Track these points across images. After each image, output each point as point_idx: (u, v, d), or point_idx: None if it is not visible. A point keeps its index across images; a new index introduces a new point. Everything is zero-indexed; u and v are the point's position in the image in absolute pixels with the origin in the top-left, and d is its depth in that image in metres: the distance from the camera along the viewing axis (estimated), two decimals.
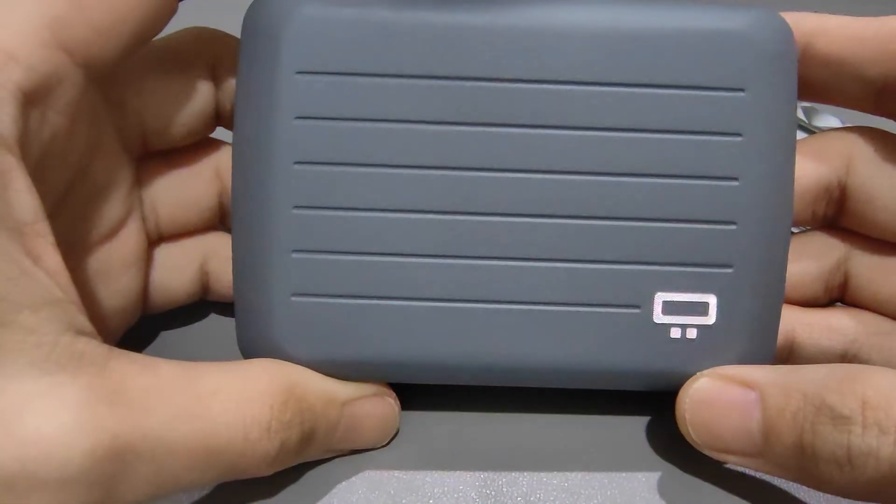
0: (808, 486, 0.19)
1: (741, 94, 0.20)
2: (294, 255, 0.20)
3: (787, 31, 0.20)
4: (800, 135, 0.31)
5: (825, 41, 0.21)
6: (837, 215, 0.23)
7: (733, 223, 0.20)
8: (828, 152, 0.22)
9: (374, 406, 0.21)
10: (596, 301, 0.20)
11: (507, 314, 0.20)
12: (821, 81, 0.21)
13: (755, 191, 0.20)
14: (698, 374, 0.20)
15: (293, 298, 0.20)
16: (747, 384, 0.19)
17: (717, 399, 0.20)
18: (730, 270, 0.20)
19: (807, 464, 0.18)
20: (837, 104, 0.22)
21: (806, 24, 0.21)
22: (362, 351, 0.20)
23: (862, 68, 0.21)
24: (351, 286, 0.20)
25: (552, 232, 0.20)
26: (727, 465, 0.21)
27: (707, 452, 0.20)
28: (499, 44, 0.20)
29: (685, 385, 0.20)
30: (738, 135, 0.20)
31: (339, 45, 0.20)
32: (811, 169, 0.22)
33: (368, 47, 0.20)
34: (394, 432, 0.22)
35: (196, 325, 0.25)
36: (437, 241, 0.20)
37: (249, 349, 0.21)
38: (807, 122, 0.32)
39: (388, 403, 0.22)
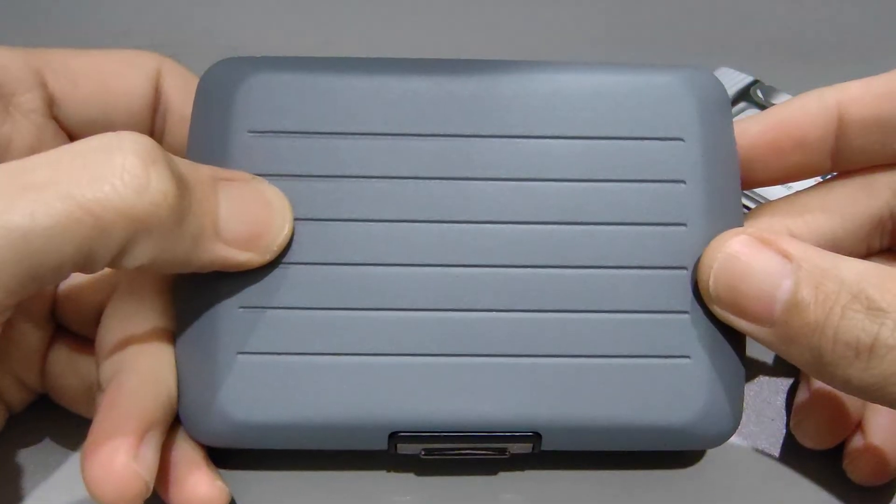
0: (805, 369, 0.19)
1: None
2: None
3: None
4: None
5: (857, 107, 0.21)
6: (894, 244, 0.22)
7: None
8: (876, 185, 0.22)
9: (254, 187, 0.20)
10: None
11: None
12: (864, 147, 0.21)
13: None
14: (738, 229, 0.20)
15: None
16: (785, 254, 0.19)
17: (751, 258, 0.19)
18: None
19: (822, 344, 0.18)
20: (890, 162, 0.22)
21: (829, 97, 0.21)
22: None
23: None
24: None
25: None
26: None
27: (718, 310, 0.20)
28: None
29: (721, 237, 0.20)
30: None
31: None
32: (862, 203, 0.22)
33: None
34: (288, 221, 0.20)
35: None
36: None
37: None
38: (763, 99, 0.32)
39: (273, 189, 0.20)
